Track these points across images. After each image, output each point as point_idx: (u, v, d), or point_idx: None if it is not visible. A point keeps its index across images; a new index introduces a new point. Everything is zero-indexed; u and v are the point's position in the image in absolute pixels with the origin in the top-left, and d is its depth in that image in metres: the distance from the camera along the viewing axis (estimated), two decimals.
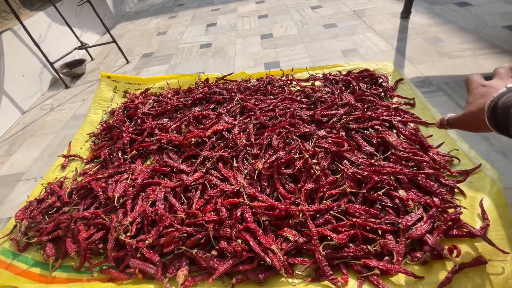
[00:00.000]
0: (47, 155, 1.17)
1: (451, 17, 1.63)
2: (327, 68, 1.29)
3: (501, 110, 0.39)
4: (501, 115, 0.39)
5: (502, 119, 0.39)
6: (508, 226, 0.61)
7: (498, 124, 0.41)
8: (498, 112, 0.40)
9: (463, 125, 0.50)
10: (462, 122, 0.49)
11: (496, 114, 0.40)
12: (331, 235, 0.62)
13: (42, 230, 0.76)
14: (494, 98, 0.42)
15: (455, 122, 0.51)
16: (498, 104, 0.40)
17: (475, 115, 0.45)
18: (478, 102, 0.45)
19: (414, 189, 0.69)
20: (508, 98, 0.39)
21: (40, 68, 1.73)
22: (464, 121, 0.49)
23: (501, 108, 0.39)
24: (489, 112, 0.42)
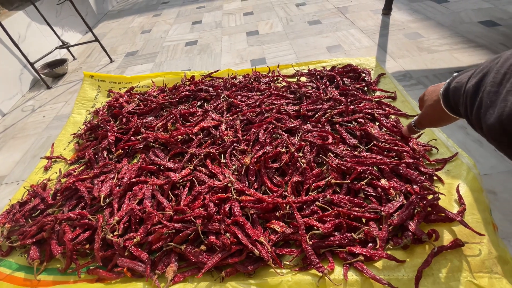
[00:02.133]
0: (29, 157, 1.14)
1: (429, 13, 1.69)
2: (312, 64, 1.31)
3: (453, 91, 0.42)
4: (453, 96, 0.42)
5: (454, 99, 0.41)
6: (483, 210, 0.64)
7: (451, 106, 0.43)
8: (450, 94, 0.42)
9: (428, 120, 0.53)
10: (425, 118, 0.53)
11: (449, 96, 0.43)
12: (317, 225, 0.63)
13: (26, 233, 0.74)
14: (445, 84, 0.44)
15: (420, 122, 0.55)
16: (450, 87, 0.43)
17: (433, 107, 0.49)
18: (433, 95, 0.49)
19: (395, 178, 0.71)
20: (459, 80, 0.41)
21: (20, 68, 1.67)
22: (427, 116, 0.52)
23: (453, 89, 0.42)
24: (443, 96, 0.45)
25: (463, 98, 0.38)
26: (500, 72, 0.30)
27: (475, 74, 0.36)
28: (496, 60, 0.33)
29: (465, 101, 0.37)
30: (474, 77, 0.36)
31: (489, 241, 0.58)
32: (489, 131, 0.31)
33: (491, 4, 1.68)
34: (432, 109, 0.50)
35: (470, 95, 0.35)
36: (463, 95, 0.38)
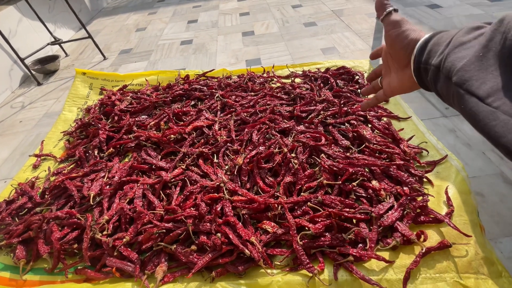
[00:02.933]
0: (17, 155, 1.11)
1: (423, 18, 1.71)
2: (307, 65, 1.32)
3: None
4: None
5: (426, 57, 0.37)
6: (471, 212, 0.66)
7: (419, 64, 0.38)
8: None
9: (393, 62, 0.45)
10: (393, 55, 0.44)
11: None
12: (308, 225, 0.63)
13: (12, 232, 0.73)
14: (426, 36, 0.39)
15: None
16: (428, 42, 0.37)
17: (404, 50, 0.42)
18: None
19: (386, 180, 0.72)
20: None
21: (10, 64, 1.64)
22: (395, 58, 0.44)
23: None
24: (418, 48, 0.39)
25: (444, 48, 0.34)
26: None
27: (466, 29, 0.33)
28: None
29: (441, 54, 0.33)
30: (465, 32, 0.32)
31: (476, 243, 0.60)
32: None
33: (482, 10, 1.71)
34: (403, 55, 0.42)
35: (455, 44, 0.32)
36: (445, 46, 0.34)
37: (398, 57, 0.42)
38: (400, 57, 0.42)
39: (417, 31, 0.41)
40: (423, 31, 0.41)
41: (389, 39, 0.43)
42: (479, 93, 0.25)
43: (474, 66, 0.26)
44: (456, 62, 0.29)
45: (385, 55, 0.48)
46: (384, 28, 0.44)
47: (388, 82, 0.48)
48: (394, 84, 0.46)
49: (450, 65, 0.30)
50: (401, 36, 0.41)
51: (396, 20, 0.42)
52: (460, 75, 0.27)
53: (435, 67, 0.34)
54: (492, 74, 0.25)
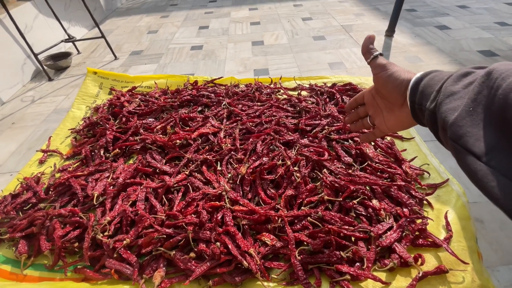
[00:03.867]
0: (25, 149, 1.13)
1: (431, 38, 1.74)
2: (314, 79, 1.34)
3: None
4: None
5: (419, 98, 0.38)
6: (469, 238, 0.66)
7: (414, 103, 0.39)
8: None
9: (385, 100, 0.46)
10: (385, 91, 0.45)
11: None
12: (307, 240, 0.64)
13: (16, 226, 0.74)
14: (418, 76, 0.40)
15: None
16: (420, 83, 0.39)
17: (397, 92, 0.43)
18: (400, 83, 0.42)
19: (386, 199, 0.73)
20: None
21: (23, 58, 1.68)
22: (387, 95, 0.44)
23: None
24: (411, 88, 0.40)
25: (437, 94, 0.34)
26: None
27: (456, 74, 0.33)
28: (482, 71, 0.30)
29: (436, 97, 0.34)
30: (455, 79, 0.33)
31: (473, 270, 0.60)
32: None
33: (491, 34, 1.73)
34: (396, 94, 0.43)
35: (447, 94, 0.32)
36: (437, 92, 0.34)
37: (392, 97, 0.43)
38: (394, 96, 0.43)
39: (406, 71, 0.43)
40: (412, 72, 0.42)
41: (381, 80, 0.44)
42: (475, 151, 0.24)
43: (466, 122, 0.26)
44: (448, 115, 0.29)
45: (371, 98, 0.49)
46: (372, 71, 0.45)
47: (382, 121, 0.48)
48: (391, 122, 0.47)
49: (444, 116, 0.30)
50: (392, 77, 0.42)
51: (383, 63, 0.44)
52: (454, 130, 0.27)
53: (431, 112, 0.34)
54: (485, 130, 0.25)
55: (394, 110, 0.45)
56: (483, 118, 0.25)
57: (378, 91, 0.46)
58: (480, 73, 0.30)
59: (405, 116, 0.43)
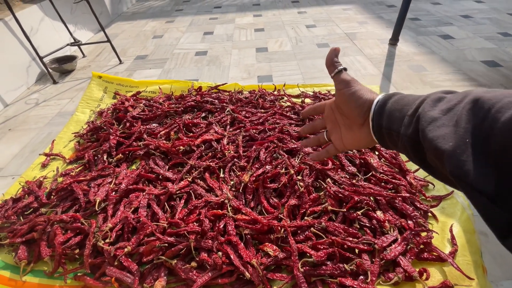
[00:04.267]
0: (27, 152, 1.13)
1: (435, 48, 1.74)
2: (318, 86, 1.34)
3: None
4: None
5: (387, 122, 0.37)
6: (474, 252, 0.65)
7: (380, 127, 0.38)
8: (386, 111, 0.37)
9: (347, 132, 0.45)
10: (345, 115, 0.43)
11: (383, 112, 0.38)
12: (310, 252, 0.63)
13: (16, 231, 0.74)
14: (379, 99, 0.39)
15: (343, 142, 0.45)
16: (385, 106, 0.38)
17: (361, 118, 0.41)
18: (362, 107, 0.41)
19: (391, 211, 0.72)
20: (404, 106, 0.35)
21: (29, 61, 1.69)
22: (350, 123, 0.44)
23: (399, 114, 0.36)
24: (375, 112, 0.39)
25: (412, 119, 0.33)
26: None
27: (430, 99, 0.32)
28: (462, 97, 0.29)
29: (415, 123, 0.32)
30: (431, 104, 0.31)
31: (478, 284, 0.59)
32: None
33: (494, 44, 1.74)
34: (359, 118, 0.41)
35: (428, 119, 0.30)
36: (410, 117, 0.33)
37: (353, 115, 0.42)
38: (354, 115, 0.41)
39: (370, 91, 0.42)
40: (375, 93, 0.41)
41: (343, 97, 0.43)
42: (488, 193, 0.22)
43: (467, 156, 0.24)
44: (441, 144, 0.27)
45: (331, 112, 0.47)
46: (336, 86, 0.44)
47: (339, 138, 0.46)
48: (348, 141, 0.45)
49: (434, 145, 0.28)
50: (355, 95, 0.41)
51: (347, 80, 0.43)
52: (456, 164, 0.25)
53: (410, 138, 0.33)
54: (492, 168, 0.23)
55: (353, 128, 0.43)
56: (481, 152, 0.24)
57: (338, 107, 0.45)
58: (458, 98, 0.29)
59: (364, 136, 0.41)
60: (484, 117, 0.25)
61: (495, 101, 0.25)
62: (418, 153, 0.33)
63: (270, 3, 2.89)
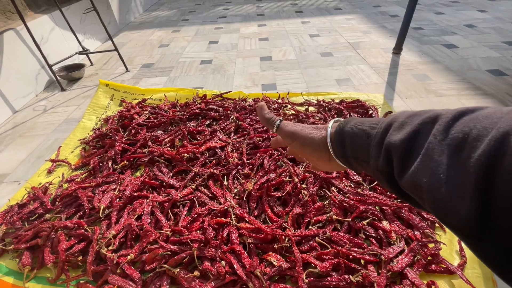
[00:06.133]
0: (34, 157, 1.15)
1: (438, 57, 1.74)
2: (321, 95, 1.34)
3: (352, 138, 0.35)
4: (352, 144, 0.35)
5: (353, 147, 0.35)
6: (483, 264, 0.63)
7: (346, 155, 0.37)
8: (347, 141, 0.36)
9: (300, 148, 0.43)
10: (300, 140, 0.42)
11: (344, 143, 0.36)
12: (315, 262, 0.62)
13: (20, 237, 0.74)
14: (333, 129, 0.38)
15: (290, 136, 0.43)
16: (344, 132, 0.36)
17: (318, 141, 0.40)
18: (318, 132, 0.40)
19: (397, 221, 0.71)
20: (356, 127, 0.35)
21: (38, 69, 1.73)
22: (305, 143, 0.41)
23: (351, 136, 0.35)
24: (333, 141, 0.38)
25: (381, 152, 0.30)
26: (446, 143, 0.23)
27: (396, 127, 0.30)
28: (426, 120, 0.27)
29: (386, 158, 0.30)
30: (397, 131, 0.29)
31: None
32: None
33: (499, 53, 1.73)
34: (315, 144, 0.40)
35: (400, 152, 0.28)
36: (379, 147, 0.31)
37: (315, 159, 0.41)
38: (316, 158, 0.40)
39: (315, 128, 0.40)
40: (321, 126, 0.40)
41: (296, 149, 0.42)
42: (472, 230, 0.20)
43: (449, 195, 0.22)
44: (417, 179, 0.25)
45: (294, 152, 0.48)
46: (283, 140, 0.43)
47: (313, 166, 0.46)
48: (321, 168, 0.44)
49: (411, 179, 0.26)
50: (307, 143, 0.40)
51: (292, 130, 0.41)
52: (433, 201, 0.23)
53: (381, 171, 0.31)
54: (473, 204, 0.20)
55: (322, 163, 0.41)
56: (461, 189, 0.21)
57: (297, 155, 0.44)
58: (425, 126, 0.26)
59: (335, 165, 0.40)
60: (459, 149, 0.22)
61: (467, 126, 0.22)
62: (393, 184, 0.30)
63: (274, 13, 2.94)
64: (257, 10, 3.08)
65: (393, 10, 2.73)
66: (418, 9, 2.62)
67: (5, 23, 1.63)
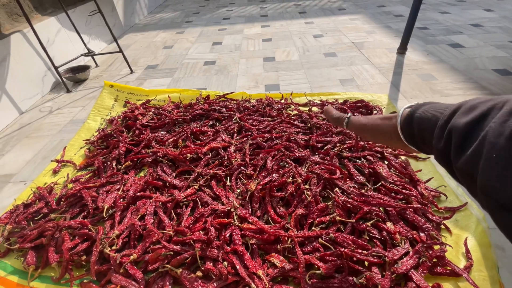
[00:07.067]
0: (40, 158, 1.16)
1: (444, 56, 1.72)
2: (325, 95, 1.34)
3: (420, 121, 0.38)
4: (419, 127, 0.38)
5: (420, 131, 0.38)
6: (491, 267, 0.62)
7: (413, 137, 0.40)
8: (415, 125, 0.39)
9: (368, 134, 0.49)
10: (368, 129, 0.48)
11: (412, 127, 0.39)
12: (318, 263, 0.62)
13: (25, 237, 0.75)
14: (404, 113, 0.41)
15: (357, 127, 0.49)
16: (414, 116, 0.39)
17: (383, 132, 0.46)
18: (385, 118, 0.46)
19: (401, 222, 0.70)
20: (428, 111, 0.37)
21: (44, 70, 1.75)
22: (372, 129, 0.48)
23: (419, 119, 0.38)
24: (402, 125, 0.41)
25: (443, 133, 0.32)
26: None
27: (463, 110, 0.31)
28: (497, 105, 0.28)
29: (447, 139, 0.31)
30: (463, 115, 0.30)
31: None
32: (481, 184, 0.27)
33: (506, 53, 1.71)
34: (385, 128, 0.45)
35: (461, 133, 0.29)
36: (442, 129, 0.32)
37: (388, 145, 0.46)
38: (390, 145, 0.46)
39: (384, 119, 0.45)
40: (391, 117, 0.44)
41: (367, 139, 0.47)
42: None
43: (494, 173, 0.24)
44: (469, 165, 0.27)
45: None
46: (355, 134, 0.48)
47: None
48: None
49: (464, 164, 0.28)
50: (378, 135, 0.46)
51: (361, 126, 0.48)
52: (484, 182, 0.25)
53: (440, 151, 0.33)
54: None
55: (394, 146, 0.47)
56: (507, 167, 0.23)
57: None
58: (494, 109, 0.28)
59: (407, 148, 0.43)
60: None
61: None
62: (449, 166, 0.32)
63: (278, 14, 2.94)
64: (260, 11, 3.08)
65: (397, 10, 2.71)
66: (423, 8, 2.59)
67: (12, 26, 1.66)
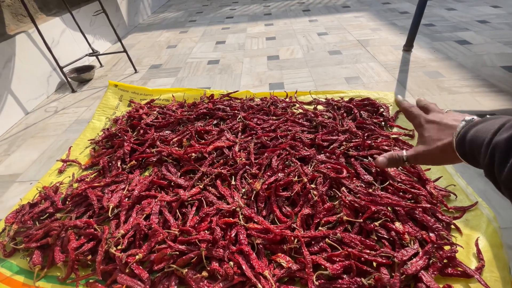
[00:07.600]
0: (45, 158, 1.17)
1: (451, 53, 1.69)
2: (330, 93, 1.32)
3: (471, 141, 0.38)
4: (471, 146, 0.38)
5: (471, 150, 0.38)
6: (502, 268, 0.61)
7: (466, 155, 0.40)
8: (467, 143, 0.38)
9: (430, 160, 0.47)
10: (428, 158, 0.46)
11: (465, 145, 0.39)
12: (325, 264, 0.61)
13: (31, 236, 0.75)
14: (460, 131, 0.41)
15: (417, 159, 0.47)
16: (466, 136, 0.39)
17: (443, 151, 0.44)
18: (442, 136, 0.44)
19: (410, 222, 0.68)
20: (480, 129, 0.37)
21: (49, 71, 1.76)
22: (431, 156, 0.46)
23: (471, 139, 0.38)
24: (457, 144, 0.41)
25: (488, 150, 0.33)
26: None
27: (507, 127, 0.32)
28: None
29: (491, 155, 0.32)
30: (506, 131, 0.31)
31: None
32: None
33: None
34: (440, 152, 0.44)
35: (503, 149, 0.30)
36: (487, 146, 0.33)
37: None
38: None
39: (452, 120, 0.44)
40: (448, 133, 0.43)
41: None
42: None
43: None
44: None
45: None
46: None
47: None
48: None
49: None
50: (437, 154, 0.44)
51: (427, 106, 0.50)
52: None
53: (487, 168, 0.33)
54: None
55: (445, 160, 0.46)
56: None
57: None
58: None
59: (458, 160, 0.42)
60: None
61: None
62: (496, 182, 0.33)
63: (281, 12, 2.92)
64: (264, 10, 3.07)
65: (402, 6, 2.67)
66: (429, 5, 2.56)
67: (17, 26, 1.67)
